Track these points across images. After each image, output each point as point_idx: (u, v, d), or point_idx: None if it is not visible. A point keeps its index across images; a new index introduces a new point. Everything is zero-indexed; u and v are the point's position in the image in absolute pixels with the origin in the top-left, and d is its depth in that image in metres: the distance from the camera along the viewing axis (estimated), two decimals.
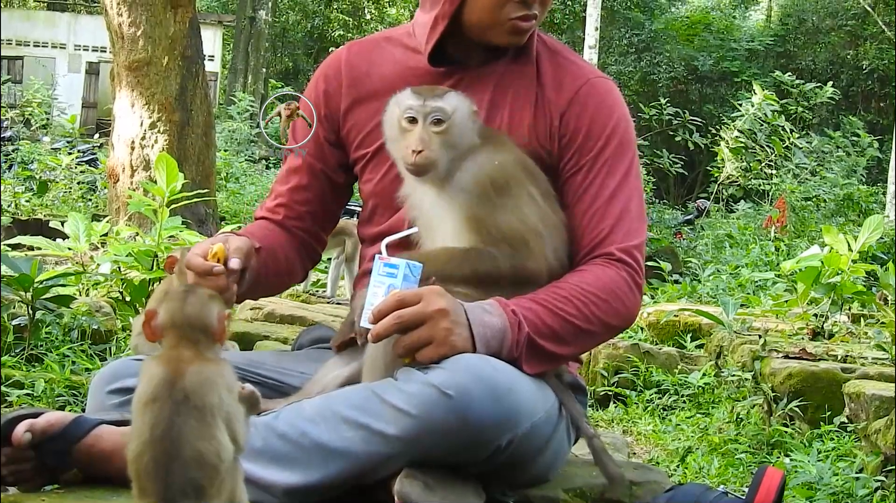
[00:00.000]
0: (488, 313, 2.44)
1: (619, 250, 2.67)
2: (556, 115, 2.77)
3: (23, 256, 6.03)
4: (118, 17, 9.34)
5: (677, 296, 9.30)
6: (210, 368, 1.82)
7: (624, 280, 2.65)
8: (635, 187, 2.78)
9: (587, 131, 2.75)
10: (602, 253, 2.67)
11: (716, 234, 13.78)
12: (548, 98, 2.79)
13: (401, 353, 2.38)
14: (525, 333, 2.46)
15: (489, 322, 2.42)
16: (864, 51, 28.75)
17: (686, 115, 17.68)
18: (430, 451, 2.36)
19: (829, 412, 4.73)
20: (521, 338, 2.46)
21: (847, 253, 6.34)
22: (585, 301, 2.57)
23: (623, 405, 5.70)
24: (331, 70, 2.97)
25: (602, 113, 2.77)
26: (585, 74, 2.83)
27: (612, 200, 2.71)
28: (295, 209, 2.97)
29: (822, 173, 14.80)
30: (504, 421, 2.38)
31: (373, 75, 2.90)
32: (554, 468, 2.73)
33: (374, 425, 2.34)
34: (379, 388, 2.39)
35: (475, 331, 2.40)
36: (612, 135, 2.76)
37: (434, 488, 2.36)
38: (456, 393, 2.32)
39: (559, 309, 2.53)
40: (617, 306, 2.63)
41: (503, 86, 2.82)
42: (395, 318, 2.35)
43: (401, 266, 2.38)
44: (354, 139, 2.91)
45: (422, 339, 2.36)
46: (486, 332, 2.41)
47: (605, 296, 2.60)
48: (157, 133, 9.37)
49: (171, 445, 1.75)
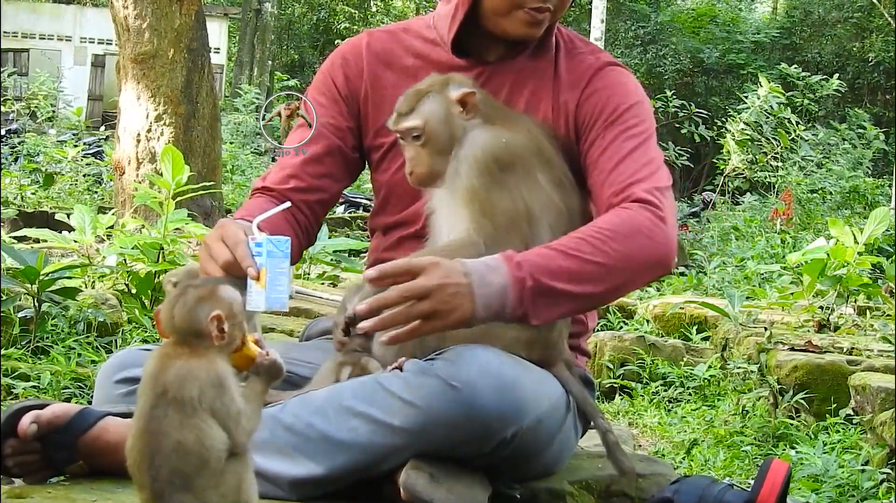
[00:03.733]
0: (492, 270, 2.36)
1: (642, 191, 2.58)
2: (572, 110, 2.76)
3: (29, 248, 6.02)
4: (124, 9, 9.35)
5: (683, 288, 9.29)
6: (195, 363, 1.82)
7: (647, 217, 2.53)
8: (656, 150, 2.73)
9: (602, 107, 2.72)
10: (624, 196, 2.58)
11: (722, 226, 13.76)
12: (563, 95, 2.78)
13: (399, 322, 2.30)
14: (529, 287, 2.37)
15: (490, 281, 2.35)
16: (870, 43, 28.69)
17: (692, 107, 17.65)
18: (436, 443, 2.36)
19: (834, 404, 4.73)
20: (524, 294, 2.37)
21: (853, 245, 6.33)
22: (602, 238, 2.47)
23: (629, 397, 5.70)
24: (351, 55, 2.94)
25: (617, 91, 2.75)
26: (600, 62, 2.82)
27: (633, 155, 2.65)
28: (306, 180, 2.86)
29: (828, 165, 14.78)
30: (509, 413, 2.37)
31: (394, 65, 2.89)
32: (560, 461, 2.72)
33: (380, 417, 2.34)
34: (385, 380, 2.39)
35: (477, 293, 2.32)
36: (630, 107, 2.72)
37: (440, 480, 2.37)
38: (462, 385, 2.32)
39: (573, 249, 2.44)
40: (641, 241, 2.50)
41: (520, 82, 2.81)
42: (402, 292, 2.28)
43: (263, 242, 2.32)
44: (371, 127, 2.89)
45: (424, 313, 2.29)
46: (487, 293, 2.34)
47: (626, 232, 2.50)
48: (163, 125, 9.38)
49: (151, 437, 1.77)
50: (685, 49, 29.23)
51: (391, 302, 2.29)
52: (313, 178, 2.88)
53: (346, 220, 14.17)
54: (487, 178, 2.55)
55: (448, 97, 2.62)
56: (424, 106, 2.61)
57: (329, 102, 2.91)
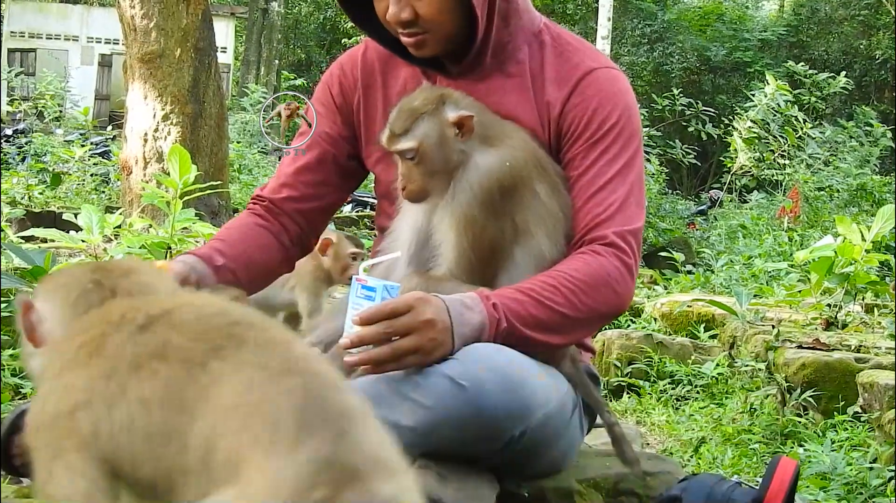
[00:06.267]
0: (469, 309, 2.41)
1: (613, 234, 2.62)
2: (556, 113, 2.74)
3: (36, 248, 6.03)
4: (131, 9, 9.36)
5: (690, 286, 9.29)
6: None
7: (615, 267, 2.60)
8: (636, 176, 2.74)
9: (587, 120, 2.71)
10: (597, 236, 2.63)
11: (729, 224, 13.75)
12: (549, 93, 2.75)
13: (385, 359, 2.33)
14: (503, 329, 2.43)
15: (468, 320, 2.40)
16: (877, 40, 28.67)
17: (699, 105, 17.61)
18: (445, 442, 2.37)
19: (842, 402, 4.72)
20: (497, 334, 2.44)
21: (860, 243, 6.32)
22: (573, 289, 2.52)
23: (636, 395, 5.70)
24: (348, 65, 2.98)
25: (604, 103, 2.72)
26: (588, 65, 2.77)
27: (610, 186, 2.67)
28: (299, 189, 2.95)
29: (836, 163, 14.74)
30: (517, 412, 2.39)
31: (388, 74, 2.92)
32: (567, 458, 2.73)
33: (388, 416, 2.34)
34: (393, 380, 2.40)
35: (456, 331, 2.38)
36: (614, 124, 2.71)
37: (448, 479, 2.37)
38: (470, 384, 2.33)
39: (546, 298, 2.49)
40: (607, 294, 2.58)
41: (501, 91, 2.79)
42: (386, 327, 2.31)
43: (378, 288, 2.37)
44: (364, 136, 2.93)
45: (408, 349, 2.33)
46: (466, 331, 2.39)
47: (595, 284, 2.56)
48: (170, 125, 9.40)
49: None
50: (692, 47, 29.24)
51: (375, 339, 2.31)
52: (306, 187, 2.95)
53: (353, 218, 14.19)
54: (489, 207, 2.55)
55: (444, 119, 2.60)
56: (419, 128, 2.60)
57: (325, 112, 2.97)
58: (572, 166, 2.71)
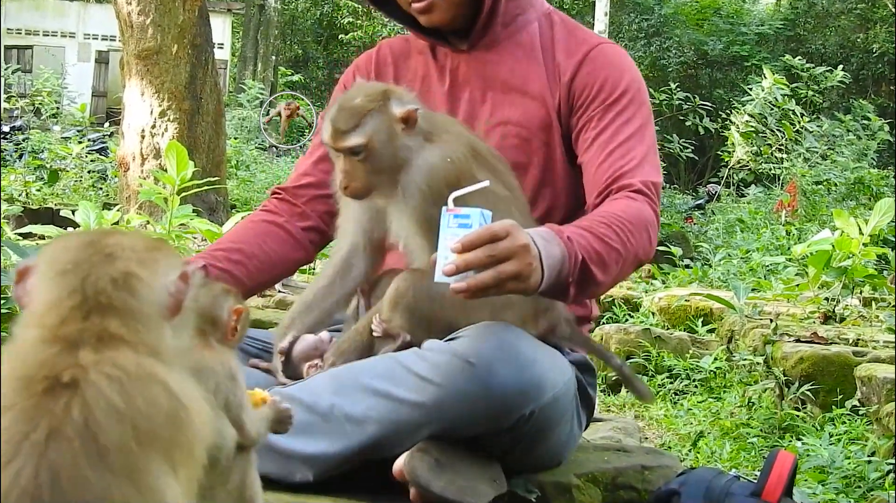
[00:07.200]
0: (548, 242, 2.38)
1: (640, 182, 2.66)
2: (567, 77, 2.82)
3: (34, 245, 6.03)
4: (127, 5, 9.35)
5: (688, 280, 9.30)
6: (210, 356, 1.83)
7: (650, 213, 2.64)
8: (651, 139, 2.80)
9: (599, 87, 2.80)
10: (624, 184, 2.67)
11: (727, 218, 13.77)
12: (559, 60, 2.85)
13: (489, 284, 2.27)
14: (579, 260, 2.42)
15: (551, 251, 2.37)
16: (874, 34, 28.62)
17: (696, 99, 17.62)
18: (455, 420, 2.39)
19: (840, 395, 4.73)
20: (575, 267, 2.41)
21: (858, 236, 6.33)
22: (623, 228, 2.54)
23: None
24: (363, 62, 3.12)
25: (613, 73, 2.82)
26: (597, 39, 2.90)
27: (629, 143, 2.73)
28: (317, 176, 3.01)
29: (833, 157, 14.73)
30: (527, 390, 2.42)
31: (399, 66, 3.04)
32: (568, 448, 2.75)
33: (397, 393, 2.37)
34: (402, 357, 2.43)
35: (545, 263, 2.34)
36: (626, 91, 2.80)
37: (444, 468, 2.37)
38: (478, 361, 2.36)
39: (604, 234, 2.50)
40: (644, 238, 2.60)
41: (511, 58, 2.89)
42: (489, 251, 2.26)
43: (474, 215, 2.32)
44: None
45: (511, 274, 2.28)
46: (552, 263, 2.37)
47: (638, 225, 2.58)
48: (167, 121, 9.39)
49: None
50: (689, 41, 29.19)
51: (480, 263, 2.26)
52: (325, 174, 2.96)
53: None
54: (440, 204, 2.48)
55: (391, 114, 2.59)
56: (368, 124, 2.57)
57: None
58: (589, 127, 2.78)
